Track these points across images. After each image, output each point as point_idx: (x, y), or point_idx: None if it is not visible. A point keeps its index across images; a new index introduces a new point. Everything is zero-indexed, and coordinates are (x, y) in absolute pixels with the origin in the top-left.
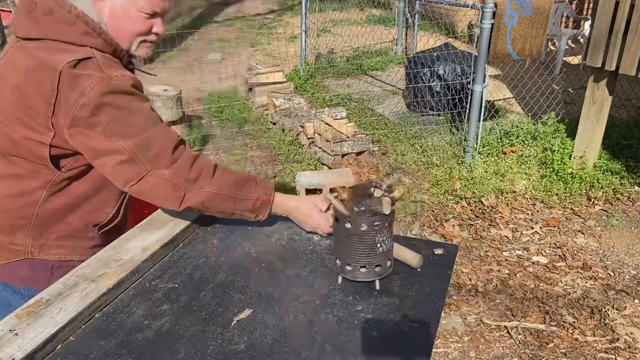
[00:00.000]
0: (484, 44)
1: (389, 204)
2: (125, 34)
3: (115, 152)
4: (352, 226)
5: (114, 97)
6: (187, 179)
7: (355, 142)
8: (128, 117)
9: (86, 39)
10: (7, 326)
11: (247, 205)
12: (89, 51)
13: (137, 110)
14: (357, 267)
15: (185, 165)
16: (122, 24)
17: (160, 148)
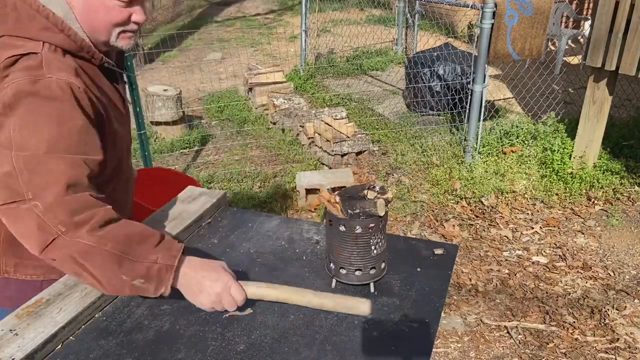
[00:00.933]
0: (484, 44)
1: (383, 205)
2: (101, 25)
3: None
4: (346, 229)
5: (31, 101)
6: (65, 222)
7: (355, 142)
8: (37, 127)
9: (45, 34)
10: (7, 326)
11: (139, 270)
12: (38, 46)
13: (54, 124)
14: (351, 271)
15: (71, 207)
16: (96, 14)
17: (52, 178)
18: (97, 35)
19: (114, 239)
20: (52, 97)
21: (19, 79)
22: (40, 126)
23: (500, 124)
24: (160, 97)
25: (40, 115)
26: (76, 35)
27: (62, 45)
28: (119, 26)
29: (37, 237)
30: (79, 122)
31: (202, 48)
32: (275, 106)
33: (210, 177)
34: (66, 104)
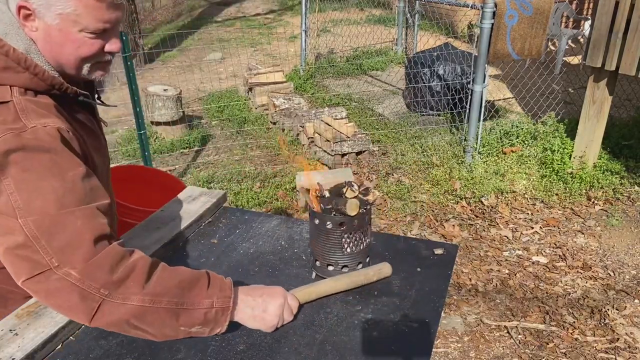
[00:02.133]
0: (484, 44)
1: (353, 205)
2: (70, 60)
3: (8, 232)
4: (319, 223)
5: (23, 156)
6: (106, 283)
7: (355, 142)
8: (37, 184)
9: (6, 75)
10: (7, 326)
11: (196, 318)
12: (6, 92)
13: (55, 177)
14: (324, 265)
15: (106, 264)
16: (62, 48)
17: (75, 237)
18: (66, 69)
19: (167, 292)
20: (43, 148)
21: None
22: (41, 183)
23: (500, 124)
24: (160, 97)
25: (37, 171)
26: (44, 73)
27: (29, 86)
28: (90, 60)
29: (81, 308)
30: (78, 168)
31: (202, 48)
32: (275, 106)
33: (210, 177)
34: (60, 153)
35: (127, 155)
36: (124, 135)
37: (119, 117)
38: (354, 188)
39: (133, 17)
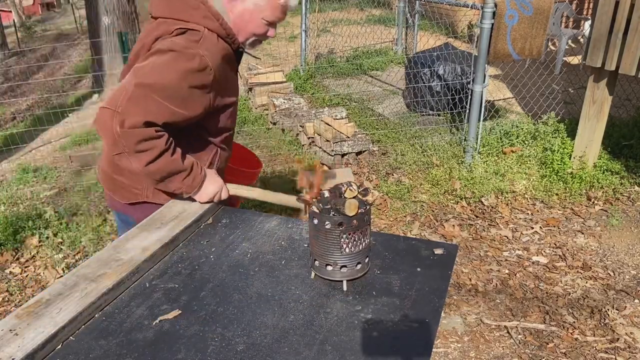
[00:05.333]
0: (484, 44)
1: (352, 205)
2: (245, 32)
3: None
4: (318, 223)
5: (175, 56)
6: (129, 146)
7: (355, 142)
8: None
9: (205, 21)
10: (7, 326)
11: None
12: (202, 28)
13: (175, 76)
14: (322, 264)
15: (138, 138)
16: (246, 25)
17: (138, 112)
18: (238, 36)
19: (158, 172)
20: (190, 61)
21: (179, 41)
22: (166, 74)
23: (500, 124)
24: None
25: (171, 67)
26: (226, 25)
27: (216, 31)
28: (256, 36)
29: (109, 145)
30: (193, 86)
31: None
32: (275, 106)
33: None
34: (195, 71)
35: None
36: None
37: None
38: (353, 188)
39: (133, 17)
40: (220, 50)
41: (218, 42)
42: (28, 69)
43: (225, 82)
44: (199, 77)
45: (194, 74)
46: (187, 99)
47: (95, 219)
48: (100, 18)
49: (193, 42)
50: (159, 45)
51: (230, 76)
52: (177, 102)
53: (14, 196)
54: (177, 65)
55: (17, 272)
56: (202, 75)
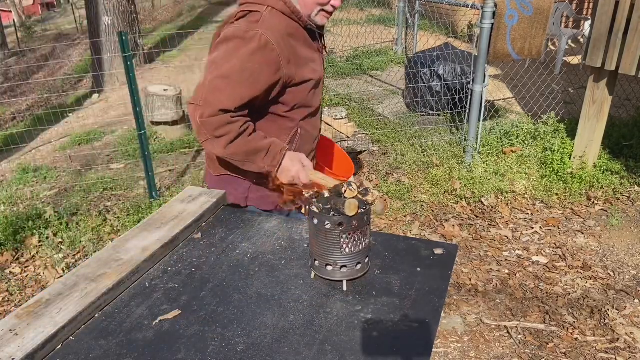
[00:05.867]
0: (484, 44)
1: (352, 205)
2: (309, 3)
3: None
4: (318, 223)
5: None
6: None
7: (355, 142)
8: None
9: (270, 1)
10: (7, 326)
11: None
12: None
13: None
14: (322, 264)
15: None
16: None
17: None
18: (303, 10)
19: (238, 154)
20: (250, 42)
21: (240, 25)
22: (233, 59)
23: (500, 124)
24: (160, 97)
25: (237, 52)
26: (290, 4)
27: (280, 9)
28: (320, 6)
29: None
30: (256, 65)
31: (202, 48)
32: None
33: None
34: (256, 50)
35: (127, 155)
36: (124, 135)
37: (119, 117)
38: (353, 188)
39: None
40: (285, 27)
41: (282, 20)
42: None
43: (295, 58)
44: (262, 55)
45: (256, 53)
46: (255, 79)
47: (95, 219)
48: (100, 18)
49: (253, 24)
50: (224, 34)
51: (302, 53)
52: (247, 85)
53: (14, 196)
54: (240, 50)
55: (17, 272)
56: (265, 52)
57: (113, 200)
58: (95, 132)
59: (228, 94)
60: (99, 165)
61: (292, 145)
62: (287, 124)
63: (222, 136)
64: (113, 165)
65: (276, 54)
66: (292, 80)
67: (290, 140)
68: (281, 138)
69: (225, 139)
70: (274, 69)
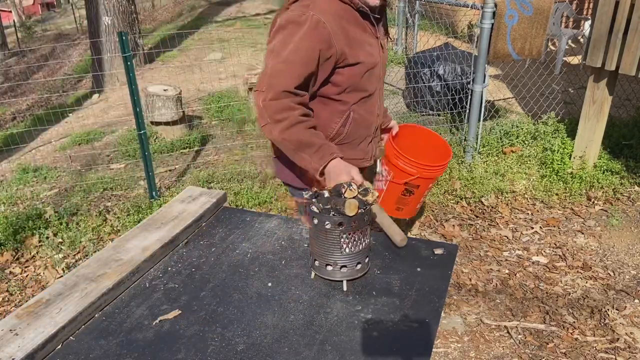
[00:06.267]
0: (484, 44)
1: (352, 205)
2: None
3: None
4: (318, 223)
5: (293, 27)
6: (270, 117)
7: None
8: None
9: None
10: (7, 326)
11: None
12: None
13: (295, 42)
14: (322, 264)
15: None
16: None
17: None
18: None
19: (291, 141)
20: (304, 24)
21: (293, 11)
22: (289, 43)
23: (500, 124)
24: (160, 97)
25: (293, 36)
26: None
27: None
28: None
29: (259, 119)
30: (310, 43)
31: (202, 48)
32: None
33: (210, 177)
34: (309, 32)
35: (127, 155)
36: (124, 135)
37: (119, 117)
38: (353, 188)
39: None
40: (336, 9)
41: (333, 3)
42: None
43: (348, 39)
44: (315, 33)
45: (310, 32)
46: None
47: (95, 219)
48: (100, 18)
49: (304, 8)
50: (279, 21)
51: (355, 35)
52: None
53: (14, 196)
54: (295, 34)
55: (17, 272)
56: (317, 30)
57: (113, 200)
58: (95, 132)
59: (288, 75)
60: (99, 165)
61: (345, 128)
62: (339, 107)
63: (280, 121)
64: (113, 165)
65: (327, 31)
66: (345, 59)
67: (342, 123)
68: (333, 121)
69: (284, 124)
70: (326, 45)
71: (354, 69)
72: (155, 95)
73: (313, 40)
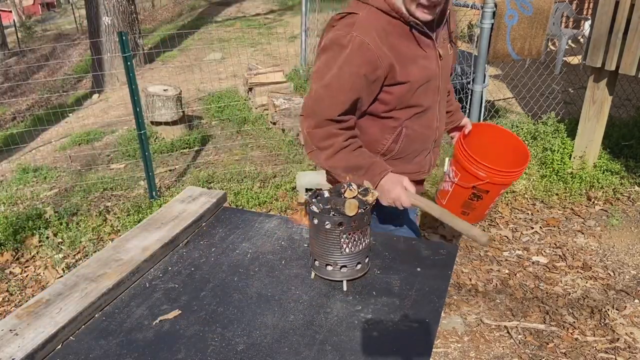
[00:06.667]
0: (484, 44)
1: (352, 205)
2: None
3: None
4: (318, 223)
5: (336, 48)
6: (315, 144)
7: None
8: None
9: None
10: (7, 326)
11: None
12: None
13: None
14: (322, 264)
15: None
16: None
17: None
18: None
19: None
20: (346, 47)
21: (338, 30)
22: (332, 67)
23: (500, 124)
24: (160, 97)
25: (336, 60)
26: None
27: (380, 7)
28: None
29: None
30: (354, 68)
31: (202, 48)
32: (275, 106)
33: (210, 177)
34: (352, 55)
35: (127, 155)
36: (124, 135)
37: (119, 117)
38: (353, 188)
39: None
40: (383, 26)
41: (381, 19)
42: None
43: (397, 56)
44: (358, 56)
45: (352, 57)
46: (353, 81)
47: (95, 219)
48: (100, 18)
49: (347, 27)
50: (324, 41)
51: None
52: (346, 89)
53: (14, 196)
54: (338, 57)
55: (17, 272)
56: (361, 52)
57: (113, 200)
58: (95, 132)
59: (330, 102)
60: (99, 165)
61: (396, 145)
62: (390, 123)
63: (326, 148)
64: (113, 165)
65: (372, 52)
66: (393, 77)
67: (394, 140)
68: (384, 137)
69: (329, 151)
70: (371, 67)
71: (403, 87)
72: (155, 95)
73: (356, 65)
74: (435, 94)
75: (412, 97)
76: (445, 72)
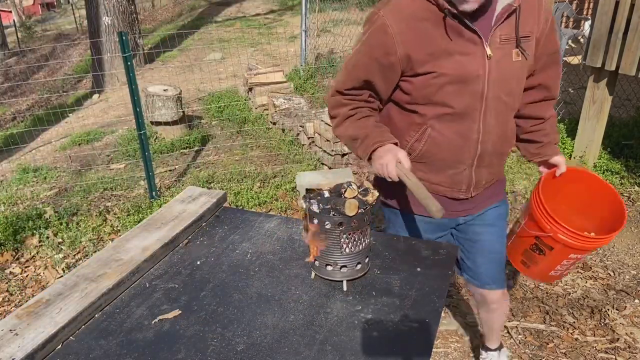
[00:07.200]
0: None
1: (352, 205)
2: None
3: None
4: (318, 223)
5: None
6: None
7: None
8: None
9: None
10: (7, 326)
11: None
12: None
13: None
14: (322, 264)
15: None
16: None
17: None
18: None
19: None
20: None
21: (375, 6)
22: (358, 43)
23: None
24: (160, 97)
25: (362, 36)
26: None
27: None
28: None
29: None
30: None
31: (202, 48)
32: (275, 106)
33: (210, 177)
34: (370, 36)
35: (127, 155)
36: (124, 135)
37: (119, 117)
38: (353, 188)
39: (133, 17)
40: (415, 10)
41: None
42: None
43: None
44: (375, 37)
45: (370, 38)
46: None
47: (95, 219)
48: (100, 18)
49: (382, 4)
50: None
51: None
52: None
53: (14, 196)
54: (363, 34)
55: (17, 272)
56: (378, 34)
57: (113, 200)
58: (95, 132)
59: (343, 77)
60: (99, 165)
61: (419, 144)
62: (415, 119)
63: (334, 117)
64: (113, 165)
65: (390, 37)
66: (412, 67)
67: (417, 138)
68: (408, 133)
69: (337, 120)
70: (383, 51)
71: (426, 79)
72: (155, 95)
73: (371, 46)
74: (477, 101)
75: (438, 94)
76: (499, 79)
